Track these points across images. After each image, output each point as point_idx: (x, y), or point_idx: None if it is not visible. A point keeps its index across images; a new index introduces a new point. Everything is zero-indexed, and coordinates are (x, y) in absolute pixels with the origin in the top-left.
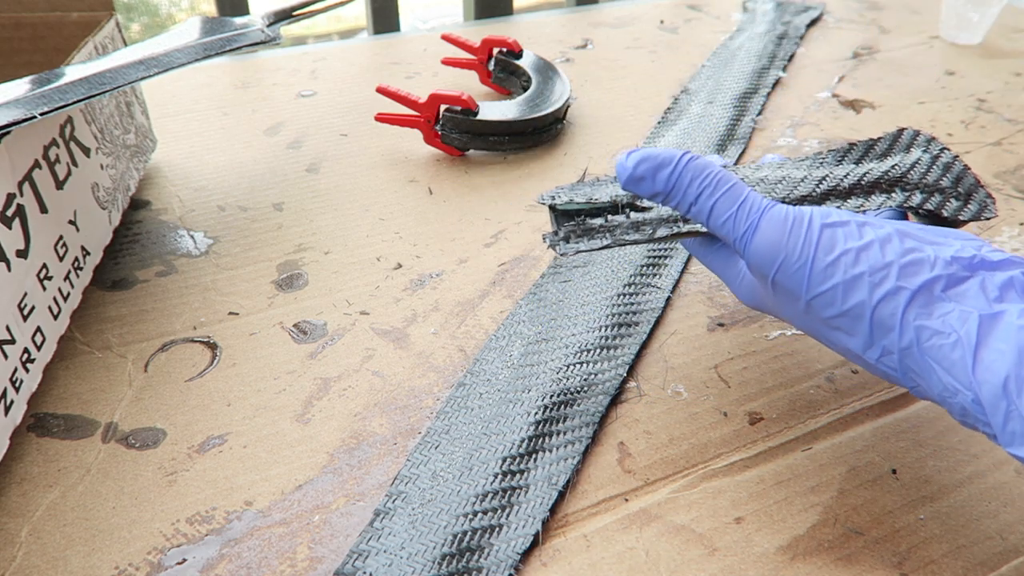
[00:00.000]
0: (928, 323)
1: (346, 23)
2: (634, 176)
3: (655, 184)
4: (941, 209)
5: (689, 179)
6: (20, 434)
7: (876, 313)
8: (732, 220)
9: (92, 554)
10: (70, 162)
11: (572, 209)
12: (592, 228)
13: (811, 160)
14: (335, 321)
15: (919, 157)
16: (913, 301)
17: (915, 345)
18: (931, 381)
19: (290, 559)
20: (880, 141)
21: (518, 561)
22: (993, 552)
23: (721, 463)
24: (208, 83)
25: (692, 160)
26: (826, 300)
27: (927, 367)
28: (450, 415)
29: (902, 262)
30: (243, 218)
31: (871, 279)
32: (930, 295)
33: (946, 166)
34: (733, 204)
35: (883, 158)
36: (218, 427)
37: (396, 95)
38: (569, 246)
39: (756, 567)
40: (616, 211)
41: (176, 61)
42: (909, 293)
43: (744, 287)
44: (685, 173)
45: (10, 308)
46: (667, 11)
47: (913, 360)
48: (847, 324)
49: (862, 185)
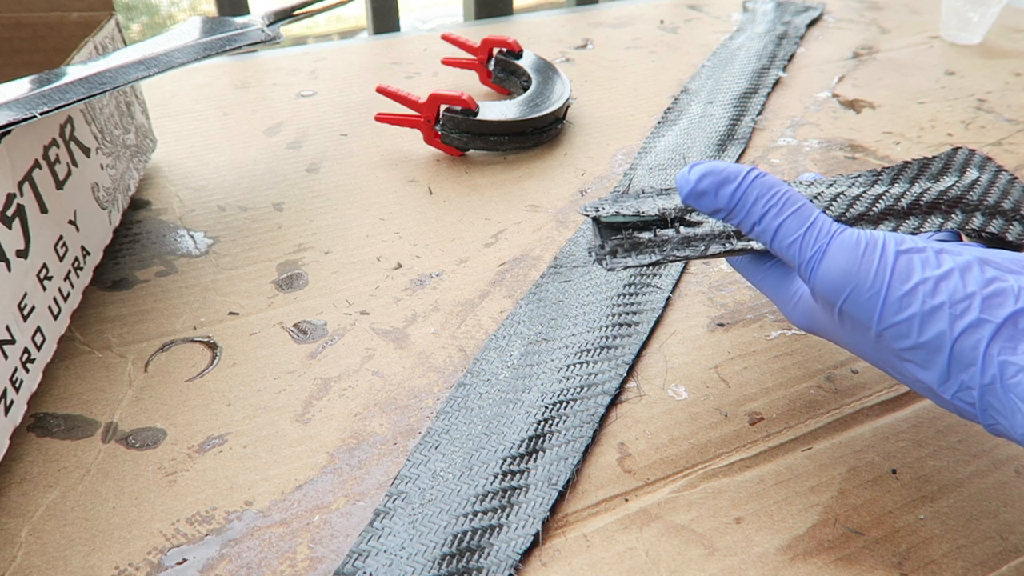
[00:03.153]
0: (1014, 359)
1: (346, 23)
2: (696, 191)
3: (717, 200)
4: (1005, 233)
5: (755, 197)
6: (20, 434)
7: (956, 346)
8: (799, 243)
9: (92, 554)
10: (70, 162)
11: (618, 222)
12: (640, 242)
13: (865, 177)
14: (335, 321)
15: (977, 177)
16: (998, 335)
17: (998, 382)
18: (1015, 421)
19: (290, 559)
20: (935, 161)
21: (518, 561)
22: (993, 552)
23: (721, 463)
24: (208, 83)
25: (759, 177)
26: (900, 331)
27: (1011, 406)
28: (450, 415)
29: (985, 293)
30: (243, 218)
31: (951, 310)
32: (1015, 328)
33: (1005, 187)
34: (801, 226)
35: (938, 178)
36: (218, 427)
37: (396, 95)
38: (616, 260)
39: (756, 567)
40: (665, 225)
41: (176, 61)
42: (994, 326)
43: (799, 310)
44: (751, 190)
45: (10, 308)
46: (667, 11)
47: (995, 397)
48: (922, 357)
49: (920, 205)
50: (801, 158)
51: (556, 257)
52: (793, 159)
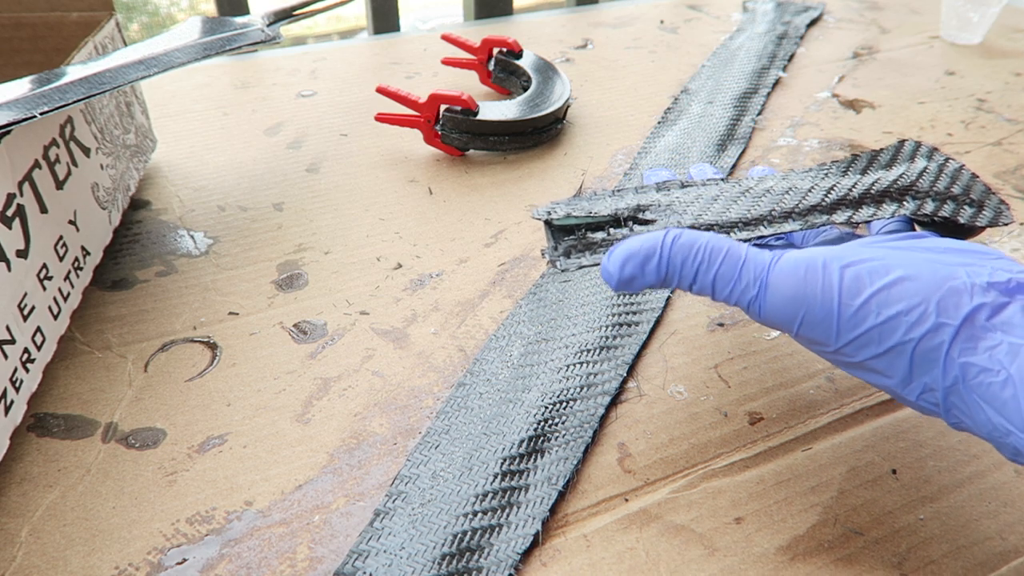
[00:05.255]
0: (974, 360)
1: (346, 23)
2: (623, 279)
3: (647, 278)
4: (957, 216)
5: (680, 261)
6: (20, 434)
7: (917, 353)
8: (737, 286)
9: (92, 554)
10: (70, 162)
11: (571, 224)
12: (594, 242)
13: (815, 171)
14: (335, 321)
15: (926, 166)
16: (957, 336)
17: (960, 383)
18: (979, 420)
19: (290, 559)
20: (883, 152)
21: (518, 561)
22: (993, 552)
23: (721, 463)
24: (208, 83)
25: (676, 240)
26: (859, 345)
27: (975, 405)
28: (450, 415)
29: (938, 295)
30: (243, 218)
31: (907, 318)
32: (973, 327)
33: (954, 174)
34: (734, 269)
35: (888, 168)
36: (218, 427)
37: (396, 95)
38: (570, 261)
39: (756, 567)
40: (618, 224)
41: (176, 61)
42: (952, 329)
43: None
44: (675, 256)
45: (10, 308)
46: (667, 11)
47: (959, 398)
48: (883, 365)
49: (872, 194)
50: (801, 158)
51: None
52: (793, 159)
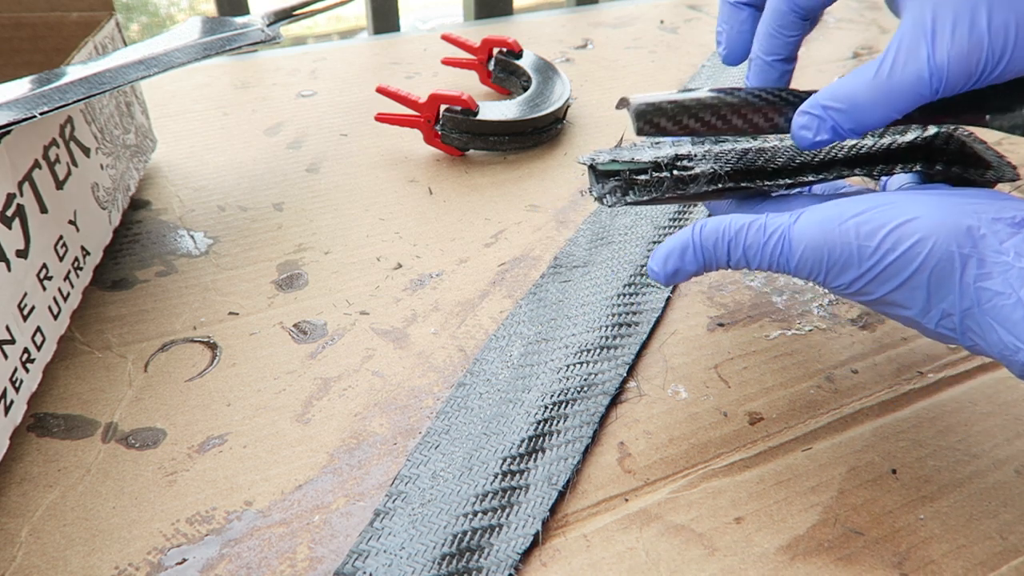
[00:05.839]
0: (988, 284)
1: (346, 23)
2: (669, 273)
3: (688, 267)
4: (965, 173)
5: (712, 245)
6: (20, 434)
7: (932, 281)
8: (765, 249)
9: (92, 554)
10: (70, 162)
11: (614, 169)
12: (637, 183)
13: None
14: (335, 321)
15: (937, 131)
16: (969, 263)
17: (975, 306)
18: (991, 340)
19: (290, 559)
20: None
21: (518, 561)
22: (993, 552)
23: (721, 463)
24: (208, 83)
25: (703, 229)
26: (880, 281)
27: (988, 327)
28: (450, 415)
29: (950, 228)
30: (243, 218)
31: (921, 250)
32: (984, 254)
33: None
34: (760, 236)
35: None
36: (218, 427)
37: (396, 95)
38: (616, 198)
39: (756, 567)
40: (659, 169)
41: (176, 61)
42: (965, 256)
43: None
44: (706, 242)
45: (10, 308)
46: (667, 11)
47: (974, 321)
48: (902, 298)
49: (888, 151)
50: None
51: (556, 257)
52: None
